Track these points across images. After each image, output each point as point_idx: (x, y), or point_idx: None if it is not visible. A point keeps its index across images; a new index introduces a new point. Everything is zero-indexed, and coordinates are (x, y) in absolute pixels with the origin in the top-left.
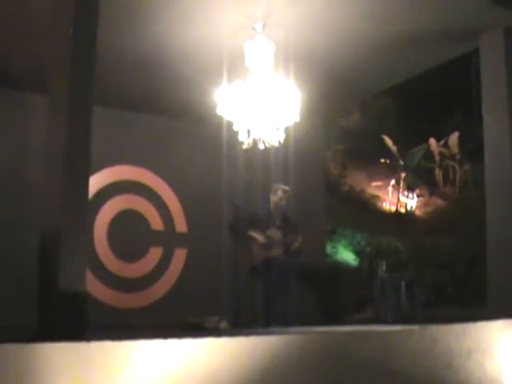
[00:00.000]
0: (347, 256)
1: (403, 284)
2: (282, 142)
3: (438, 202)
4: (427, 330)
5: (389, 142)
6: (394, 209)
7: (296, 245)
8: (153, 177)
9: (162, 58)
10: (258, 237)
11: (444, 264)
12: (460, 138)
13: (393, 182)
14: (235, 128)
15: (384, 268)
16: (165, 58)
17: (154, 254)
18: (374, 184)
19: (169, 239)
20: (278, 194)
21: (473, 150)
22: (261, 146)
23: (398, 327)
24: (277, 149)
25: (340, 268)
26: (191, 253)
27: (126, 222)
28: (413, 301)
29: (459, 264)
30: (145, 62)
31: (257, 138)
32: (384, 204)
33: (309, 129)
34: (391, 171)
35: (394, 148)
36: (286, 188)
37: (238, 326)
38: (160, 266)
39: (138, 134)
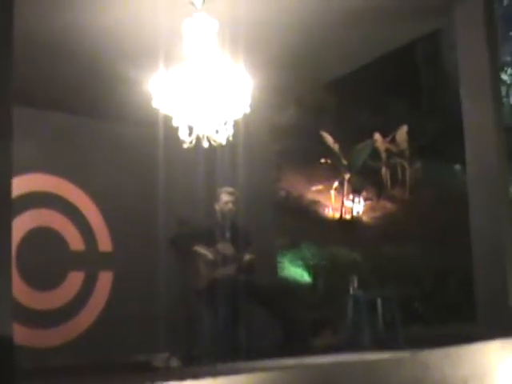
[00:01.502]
0: (294, 272)
1: (379, 302)
2: (230, 138)
3: (387, 205)
4: (419, 356)
5: (329, 139)
6: (338, 215)
7: (249, 259)
8: (70, 187)
9: (82, 46)
10: (206, 253)
11: (408, 277)
12: (409, 133)
13: (335, 184)
14: (174, 124)
15: (356, 284)
16: (85, 45)
17: (74, 280)
18: (314, 188)
19: (91, 261)
20: (223, 198)
21: (423, 146)
22: (205, 145)
23: (386, 355)
24: (222, 147)
25: (289, 286)
26: (119, 276)
27: (38, 242)
28: (390, 321)
29: (425, 276)
30: (61, 50)
31: (200, 134)
32: (326, 210)
33: (256, 123)
34: (333, 172)
35: (335, 146)
36: (231, 190)
37: (189, 362)
38: (82, 294)
39: (54, 136)
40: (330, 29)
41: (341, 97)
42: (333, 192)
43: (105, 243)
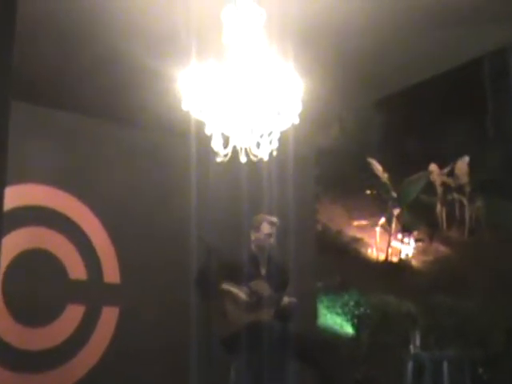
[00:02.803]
0: (333, 321)
1: (445, 365)
2: (274, 153)
3: (441, 248)
4: None
5: (377, 167)
6: (383, 257)
7: (289, 302)
8: (73, 202)
9: (97, 32)
10: (238, 291)
11: (472, 335)
12: (470, 164)
13: (382, 220)
14: (206, 132)
15: (418, 342)
16: (101, 31)
17: (73, 315)
18: (356, 223)
19: (94, 293)
20: (265, 229)
21: (486, 180)
22: (243, 159)
23: None
24: (264, 164)
25: (333, 338)
26: (126, 313)
27: (31, 267)
28: None
29: (491, 334)
30: (71, 38)
31: (238, 147)
32: (370, 250)
33: (304, 137)
34: (380, 206)
35: (384, 175)
36: (274, 220)
37: None
38: (81, 332)
39: (54, 138)
40: (395, 31)
41: (393, 118)
42: (378, 229)
43: (112, 273)
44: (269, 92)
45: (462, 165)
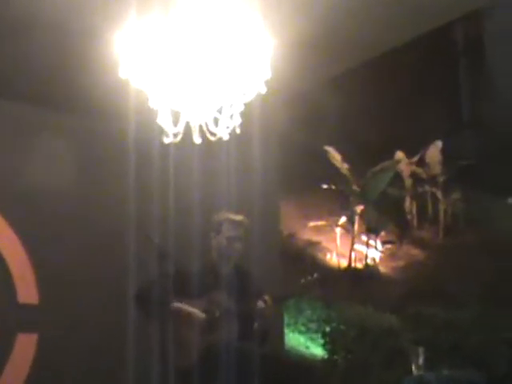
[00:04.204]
0: (296, 341)
1: None
2: (238, 130)
3: (413, 251)
4: None
5: (335, 156)
6: (345, 263)
7: (262, 319)
8: None
9: None
10: (193, 311)
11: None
12: (443, 151)
13: (343, 220)
14: (151, 106)
15: (421, 361)
16: None
17: None
18: (312, 224)
19: (5, 317)
20: (226, 231)
21: (463, 170)
22: (197, 140)
23: None
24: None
25: (310, 362)
26: (47, 341)
27: None
28: None
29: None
30: None
31: (191, 124)
32: (329, 256)
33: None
34: (340, 203)
35: (343, 166)
36: (240, 219)
37: None
38: None
39: None
40: None
41: (352, 99)
42: (338, 230)
43: (27, 292)
44: (229, 53)
45: (434, 151)
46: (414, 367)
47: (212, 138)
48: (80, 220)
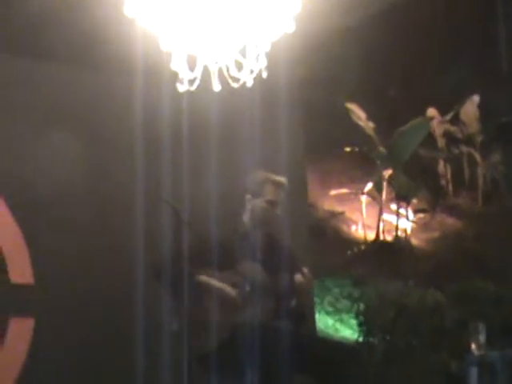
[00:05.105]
0: (323, 323)
1: None
2: (264, 74)
3: (448, 221)
4: None
5: (359, 114)
6: (372, 235)
7: (301, 295)
8: None
9: None
10: (223, 286)
11: None
12: (481, 106)
13: (369, 186)
14: (163, 49)
15: (483, 339)
16: None
17: None
18: (334, 192)
19: None
20: (267, 193)
21: (504, 126)
22: (217, 88)
23: None
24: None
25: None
26: (44, 325)
27: None
28: None
29: None
30: None
31: (211, 69)
32: (354, 228)
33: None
34: (365, 168)
35: (369, 125)
36: (282, 180)
37: None
38: None
39: None
40: None
41: (377, 50)
42: (364, 199)
43: (21, 270)
44: None
45: (470, 108)
46: (473, 345)
47: (234, 85)
48: (83, 183)
